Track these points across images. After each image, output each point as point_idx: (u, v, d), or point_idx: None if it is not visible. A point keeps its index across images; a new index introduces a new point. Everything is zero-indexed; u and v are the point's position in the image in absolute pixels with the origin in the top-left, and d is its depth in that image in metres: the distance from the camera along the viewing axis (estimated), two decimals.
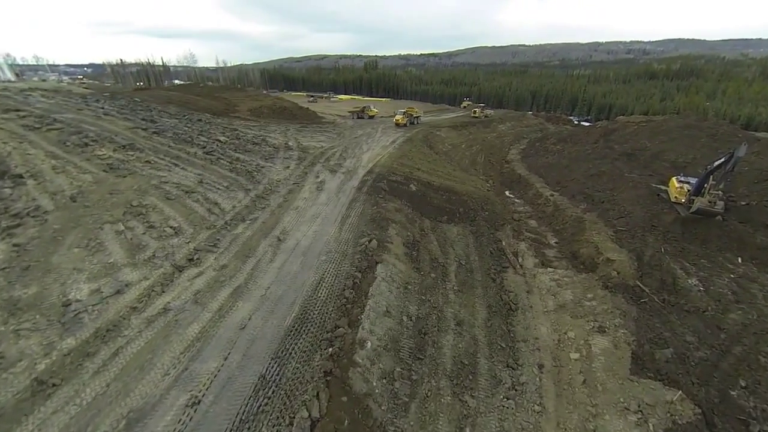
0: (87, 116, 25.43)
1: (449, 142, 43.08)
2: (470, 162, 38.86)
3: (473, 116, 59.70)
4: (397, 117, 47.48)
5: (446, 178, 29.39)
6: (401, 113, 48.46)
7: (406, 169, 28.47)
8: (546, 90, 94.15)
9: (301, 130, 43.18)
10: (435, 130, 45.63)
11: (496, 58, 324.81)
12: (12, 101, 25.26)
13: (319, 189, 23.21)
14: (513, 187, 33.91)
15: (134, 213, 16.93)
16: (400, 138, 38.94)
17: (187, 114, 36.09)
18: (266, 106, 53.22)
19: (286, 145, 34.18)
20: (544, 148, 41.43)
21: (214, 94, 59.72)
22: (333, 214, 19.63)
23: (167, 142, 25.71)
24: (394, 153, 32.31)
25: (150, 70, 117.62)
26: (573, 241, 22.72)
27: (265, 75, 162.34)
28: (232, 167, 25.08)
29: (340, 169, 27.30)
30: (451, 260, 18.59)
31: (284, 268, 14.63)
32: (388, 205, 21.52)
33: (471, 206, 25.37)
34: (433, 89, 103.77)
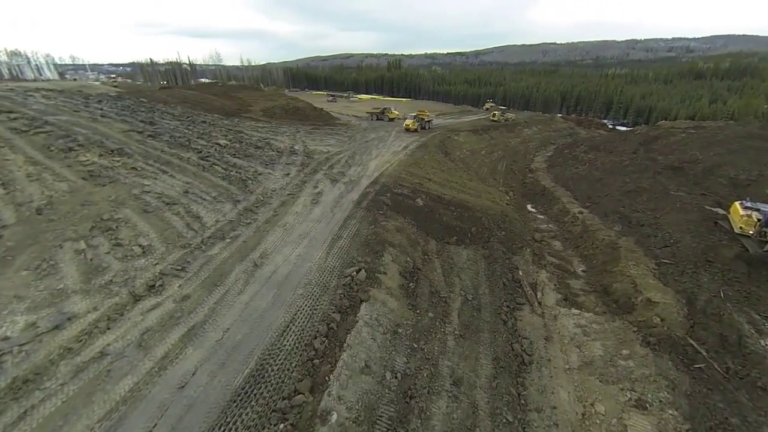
0: (82, 118, 24.61)
1: (468, 147, 39.93)
2: (489, 171, 35.61)
3: (492, 120, 55.46)
4: (407, 122, 43.35)
5: (460, 190, 26.51)
6: (411, 117, 44.81)
7: (415, 179, 25.84)
8: (577, 91, 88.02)
9: (312, 132, 41.42)
10: (453, 135, 42.56)
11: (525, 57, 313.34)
12: (9, 102, 24.89)
13: (315, 202, 21.06)
14: (536, 201, 30.47)
15: (103, 228, 15.41)
16: (414, 143, 36.27)
17: (193, 115, 35.14)
18: (279, 107, 52.00)
19: (291, 149, 32.41)
20: (573, 157, 37.42)
21: (230, 94, 59.34)
22: (323, 234, 17.39)
23: (161, 146, 24.43)
24: (404, 160, 29.74)
25: (177, 69, 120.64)
26: (604, 272, 19.38)
27: (288, 74, 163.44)
28: (225, 174, 23.43)
29: (342, 179, 25.08)
30: (456, 294, 15.89)
31: (252, 304, 12.51)
32: (388, 224, 19.04)
33: (486, 224, 22.43)
34: (456, 89, 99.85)
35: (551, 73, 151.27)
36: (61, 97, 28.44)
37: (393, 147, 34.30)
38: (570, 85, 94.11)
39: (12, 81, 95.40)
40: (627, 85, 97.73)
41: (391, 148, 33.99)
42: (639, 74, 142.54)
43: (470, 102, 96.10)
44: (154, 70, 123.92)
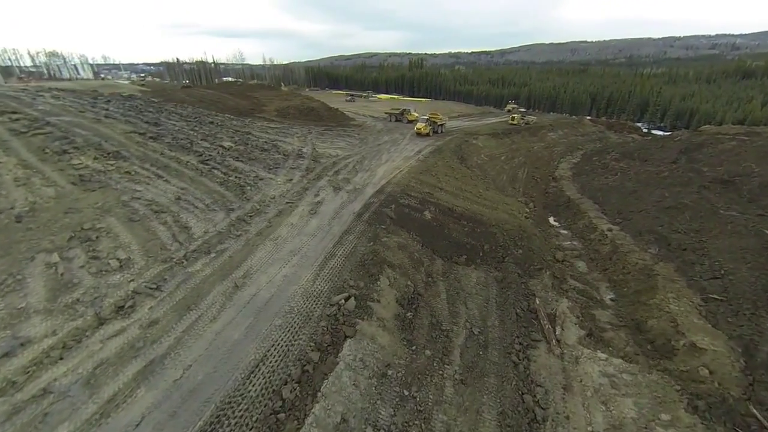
0: (86, 119, 24.30)
1: (486, 152, 37.43)
2: (509, 178, 33.05)
3: (511, 123, 51.85)
4: (418, 125, 39.97)
5: (474, 201, 24.33)
6: (423, 121, 41.25)
7: (426, 188, 23.89)
8: (609, 91, 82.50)
9: (324, 134, 40.16)
10: (471, 138, 40.12)
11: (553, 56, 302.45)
12: (15, 103, 24.94)
13: (313, 213, 19.56)
14: (559, 214, 27.76)
15: (82, 239, 14.49)
16: (428, 147, 34.22)
17: (202, 115, 34.61)
18: (293, 107, 51.19)
19: (299, 151, 31.18)
20: (603, 165, 34.17)
21: (246, 93, 59.24)
22: (316, 251, 15.83)
23: (161, 149, 23.70)
24: (415, 167, 27.81)
25: (202, 68, 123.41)
26: (637, 303, 16.82)
27: (310, 73, 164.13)
28: (224, 180, 22.37)
29: (347, 186, 23.49)
30: (461, 326, 13.92)
31: (224, 334, 11.09)
32: (389, 240, 17.27)
33: (501, 241, 20.22)
34: (479, 90, 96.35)
35: (580, 73, 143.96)
36: (70, 97, 28.49)
37: (405, 151, 32.41)
38: (600, 86, 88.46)
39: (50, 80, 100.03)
40: (665, 85, 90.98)
41: (403, 152, 32.11)
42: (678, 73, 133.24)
43: (493, 103, 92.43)
44: (181, 70, 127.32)
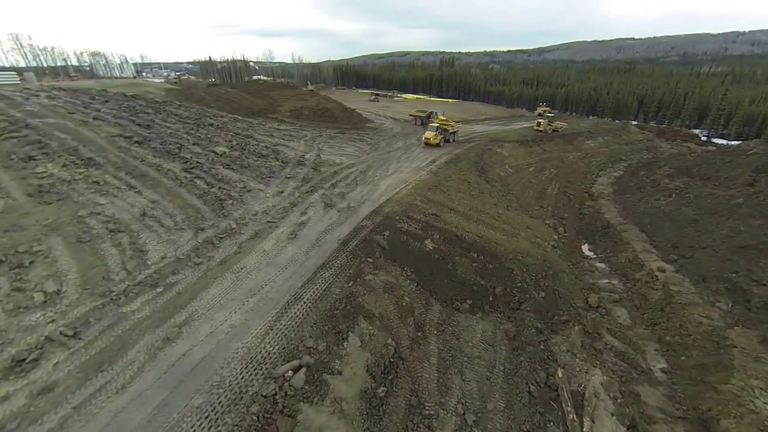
0: (71, 121, 23.03)
1: (512, 163, 33.07)
2: (536, 195, 28.64)
3: (536, 129, 45.77)
4: (427, 134, 34.24)
5: (490, 225, 20.52)
6: (433, 129, 34.62)
7: (432, 208, 20.39)
8: (660, 93, 73.70)
9: (334, 138, 37.47)
10: (495, 146, 35.82)
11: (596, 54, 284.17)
12: (3, 103, 24.14)
13: (292, 237, 16.72)
14: (596, 241, 23.25)
15: (12, 264, 12.48)
16: (443, 156, 30.52)
17: (204, 116, 32.97)
18: (308, 107, 49.07)
19: (300, 158, 28.61)
20: (652, 182, 28.79)
21: (264, 92, 58.04)
22: (280, 291, 12.97)
23: (144, 155, 21.87)
24: (425, 180, 24.33)
25: (232, 66, 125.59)
26: (701, 384, 12.58)
27: (338, 72, 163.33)
28: (204, 191, 20.10)
29: (340, 203, 20.48)
30: (450, 411, 10.51)
31: (123, 416, 8.45)
32: (375, 279, 14.10)
33: (518, 280, 16.43)
34: (511, 90, 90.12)
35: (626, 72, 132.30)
36: (67, 97, 27.66)
37: (417, 161, 28.92)
38: (650, 86, 79.47)
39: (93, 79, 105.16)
40: (726, 86, 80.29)
41: (415, 162, 28.65)
42: (742, 72, 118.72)
43: (525, 105, 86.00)
44: (213, 68, 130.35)
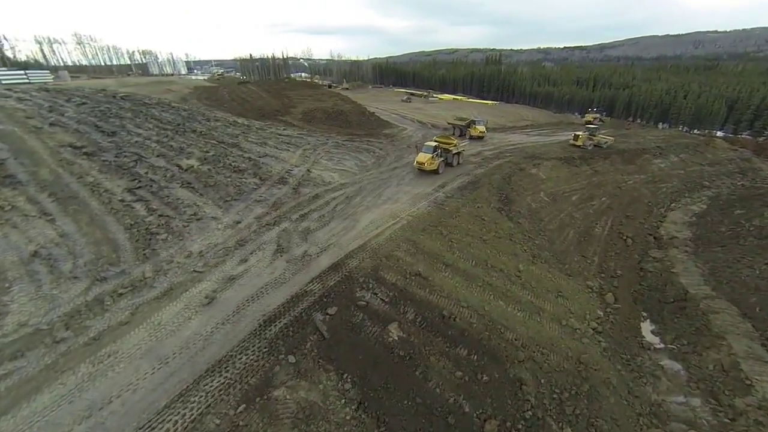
0: (20, 128, 20.50)
1: (549, 189, 25.94)
2: (577, 237, 21.54)
3: (572, 144, 35.78)
4: (420, 156, 24.51)
5: (501, 293, 14.47)
6: (429, 150, 24.51)
7: (419, 264, 14.78)
8: (759, 96, 59.45)
9: (339, 147, 32.71)
10: (531, 164, 28.73)
11: (667, 50, 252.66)
12: None
13: (207, 302, 12.15)
14: (664, 318, 16.11)
15: None
16: (459, 179, 24.38)
17: (194, 120, 29.71)
18: (321, 109, 44.87)
19: (285, 174, 24.22)
20: (757, 230, 20.31)
21: (283, 92, 54.88)
22: (127, 416, 8.42)
23: (88, 170, 18.65)
24: (423, 215, 18.64)
25: (270, 64, 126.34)
26: None
27: (377, 69, 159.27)
28: (138, 220, 16.28)
29: (297, 248, 15.57)
30: None
31: None
32: (289, 397, 9.15)
33: (529, 403, 10.46)
34: (561, 92, 79.36)
35: (707, 71, 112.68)
36: (40, 99, 25.75)
37: (422, 184, 23.14)
38: (747, 87, 64.85)
39: (143, 76, 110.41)
40: None
41: (419, 185, 22.90)
42: None
43: (577, 109, 74.95)
44: (253, 66, 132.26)
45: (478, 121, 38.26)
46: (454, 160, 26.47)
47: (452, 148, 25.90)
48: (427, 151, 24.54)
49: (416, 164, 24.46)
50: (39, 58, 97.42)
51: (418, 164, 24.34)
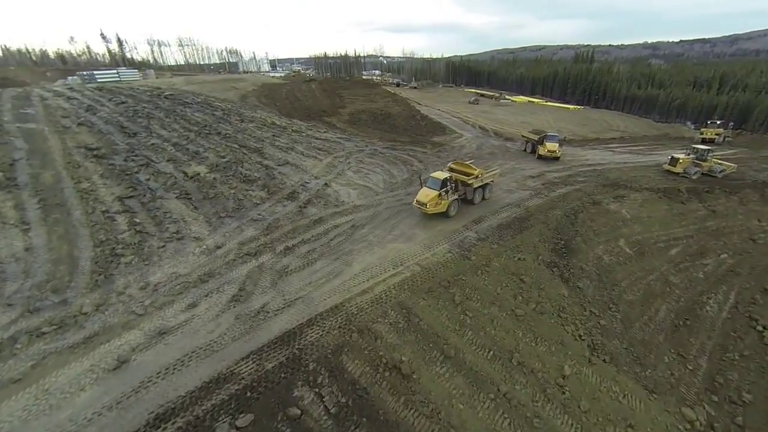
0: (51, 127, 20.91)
1: (635, 234, 18.65)
2: (672, 319, 14.47)
3: (668, 169, 26.21)
4: (421, 194, 17.60)
5: (520, 417, 9.37)
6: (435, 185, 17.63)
7: (405, 347, 10.46)
8: None
9: (375, 155, 29.20)
10: (610, 196, 21.43)
11: None
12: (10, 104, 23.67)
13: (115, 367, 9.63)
14: None
15: None
16: (502, 212, 18.81)
17: (223, 122, 28.67)
18: (368, 111, 41.80)
19: (299, 187, 21.57)
20: None
21: (337, 90, 53.23)
22: None
23: (91, 174, 18.05)
24: (433, 267, 14.01)
25: (342, 62, 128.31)
26: None
27: (450, 67, 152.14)
28: (113, 236, 14.78)
29: (260, 296, 12.38)
30: None
31: None
32: None
33: None
34: (670, 95, 64.14)
35: None
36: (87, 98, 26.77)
37: (450, 219, 18.19)
38: None
39: (229, 74, 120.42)
40: None
41: (445, 220, 18.01)
42: None
43: (692, 117, 59.56)
44: (326, 64, 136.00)
45: (550, 137, 29.47)
46: (476, 196, 19.27)
47: (472, 181, 18.72)
48: (433, 186, 17.49)
49: (415, 204, 17.62)
50: (150, 59, 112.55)
51: (417, 204, 17.46)
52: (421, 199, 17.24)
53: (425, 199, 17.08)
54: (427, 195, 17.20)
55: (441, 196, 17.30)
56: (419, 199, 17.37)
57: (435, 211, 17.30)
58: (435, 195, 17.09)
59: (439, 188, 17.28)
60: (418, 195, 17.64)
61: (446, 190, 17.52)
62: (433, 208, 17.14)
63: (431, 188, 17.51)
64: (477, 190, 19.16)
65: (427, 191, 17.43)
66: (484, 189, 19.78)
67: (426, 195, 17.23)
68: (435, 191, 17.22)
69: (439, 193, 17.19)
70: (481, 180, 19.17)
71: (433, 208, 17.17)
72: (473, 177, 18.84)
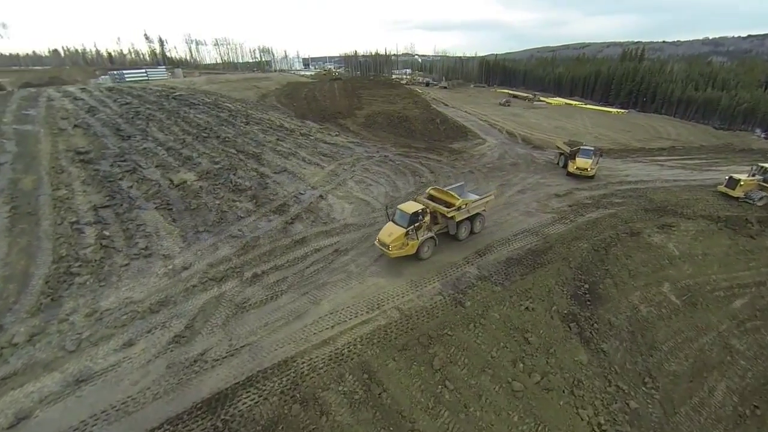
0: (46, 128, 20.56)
1: (684, 278, 14.90)
2: (734, 404, 11.07)
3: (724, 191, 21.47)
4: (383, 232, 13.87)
5: None
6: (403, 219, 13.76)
7: (357, 428, 8.11)
8: None
9: (385, 163, 27.01)
10: (652, 225, 17.65)
11: None
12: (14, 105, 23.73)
13: (9, 427, 8.08)
14: None
15: None
16: (513, 242, 15.87)
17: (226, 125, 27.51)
18: (385, 114, 39.46)
19: (291, 199, 19.86)
20: None
21: (356, 91, 51.37)
22: None
23: (73, 180, 17.28)
24: (415, 314, 11.58)
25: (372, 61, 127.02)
26: None
27: (484, 66, 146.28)
28: (75, 251, 13.74)
29: (203, 341, 10.64)
30: None
31: None
32: None
33: None
34: (735, 99, 56.10)
35: None
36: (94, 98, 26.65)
37: (449, 249, 15.53)
38: None
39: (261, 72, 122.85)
40: None
41: (443, 250, 15.40)
42: None
43: (762, 124, 51.73)
44: (356, 62, 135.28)
45: (584, 151, 24.98)
46: (461, 231, 15.41)
47: (454, 214, 14.55)
48: (400, 222, 13.70)
49: (377, 244, 13.84)
50: (188, 57, 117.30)
51: (379, 244, 13.73)
52: (383, 239, 13.45)
53: (388, 238, 13.26)
54: (390, 233, 13.41)
55: (409, 235, 13.46)
56: (381, 238, 13.63)
57: (401, 254, 13.50)
58: (401, 234, 13.23)
59: (406, 224, 13.46)
60: (381, 232, 13.93)
61: (417, 226, 13.61)
62: (397, 250, 13.29)
63: (398, 224, 13.76)
64: (463, 223, 15.32)
65: (392, 228, 13.65)
66: (473, 221, 15.85)
67: (389, 233, 13.44)
68: (400, 229, 13.41)
69: (406, 230, 13.35)
70: (468, 211, 15.14)
71: (398, 250, 13.31)
72: (456, 209, 14.67)
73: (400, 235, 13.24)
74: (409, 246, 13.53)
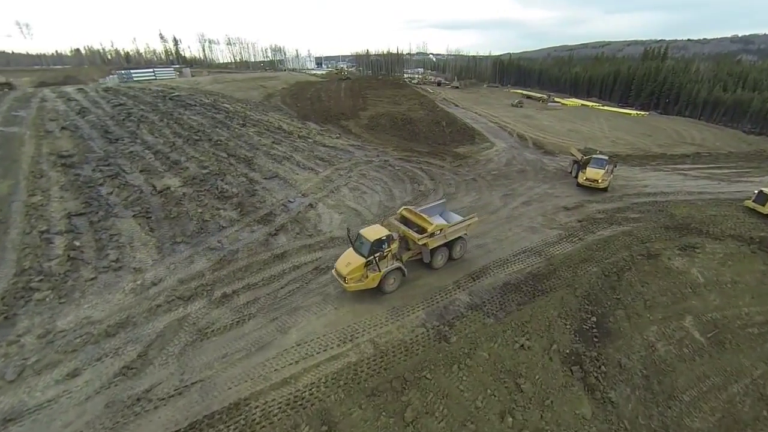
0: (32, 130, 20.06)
1: (710, 310, 13.03)
2: None
3: (753, 207, 18.74)
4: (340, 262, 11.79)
5: None
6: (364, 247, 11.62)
7: None
8: None
9: (382, 169, 25.73)
10: (673, 246, 15.75)
11: None
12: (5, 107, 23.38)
13: None
14: None
15: None
16: (513, 263, 14.32)
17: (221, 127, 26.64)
18: (388, 116, 38.10)
19: (273, 210, 18.78)
20: None
21: (362, 91, 50.18)
22: None
23: (51, 186, 16.62)
24: (391, 350, 10.25)
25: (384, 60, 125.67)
26: None
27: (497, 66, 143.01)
28: (35, 265, 12.90)
29: (151, 375, 9.58)
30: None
31: None
32: None
33: None
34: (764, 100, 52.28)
35: None
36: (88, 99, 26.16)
37: (439, 272, 14.11)
38: None
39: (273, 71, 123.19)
40: None
41: (434, 272, 13.99)
42: None
43: None
44: (368, 61, 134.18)
45: (596, 161, 22.76)
46: (436, 259, 13.29)
47: (426, 241, 12.44)
48: (362, 249, 11.62)
49: (334, 273, 11.85)
50: (201, 56, 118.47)
51: (336, 274, 11.73)
52: (340, 269, 11.42)
53: (345, 269, 11.23)
54: (348, 263, 11.35)
55: (370, 266, 11.36)
56: (337, 268, 11.61)
57: (359, 287, 11.37)
58: (360, 264, 11.17)
59: (367, 254, 11.30)
60: (339, 260, 11.89)
61: (380, 256, 11.47)
62: (355, 283, 11.23)
63: (359, 252, 11.63)
64: (439, 249, 13.15)
65: (351, 257, 11.59)
66: (453, 246, 13.62)
67: (347, 263, 11.39)
68: (362, 258, 11.33)
69: (367, 260, 11.24)
70: (444, 236, 12.95)
71: (356, 283, 11.25)
72: (426, 235, 12.45)
73: (359, 265, 11.17)
74: (369, 279, 11.41)
